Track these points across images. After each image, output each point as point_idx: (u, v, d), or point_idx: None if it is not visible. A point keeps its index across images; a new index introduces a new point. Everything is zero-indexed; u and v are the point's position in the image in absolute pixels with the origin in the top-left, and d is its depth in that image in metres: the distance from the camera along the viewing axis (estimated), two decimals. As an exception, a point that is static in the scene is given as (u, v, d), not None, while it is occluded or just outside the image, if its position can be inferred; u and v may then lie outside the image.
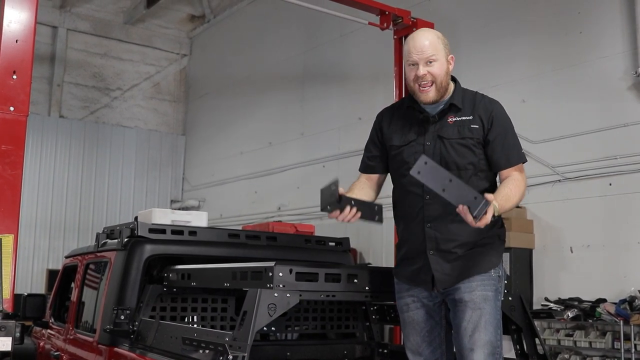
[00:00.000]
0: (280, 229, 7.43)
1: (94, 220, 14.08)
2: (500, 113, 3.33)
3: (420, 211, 3.30)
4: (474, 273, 3.22)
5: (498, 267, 3.30)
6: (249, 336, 2.85)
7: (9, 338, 3.63)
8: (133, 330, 3.98)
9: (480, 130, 3.27)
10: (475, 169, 3.28)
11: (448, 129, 3.29)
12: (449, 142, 3.27)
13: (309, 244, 4.86)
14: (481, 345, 3.15)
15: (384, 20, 6.80)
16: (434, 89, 3.27)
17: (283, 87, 12.62)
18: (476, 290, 3.21)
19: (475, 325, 3.17)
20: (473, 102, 3.34)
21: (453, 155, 3.26)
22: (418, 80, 3.25)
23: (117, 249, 4.34)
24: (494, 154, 3.28)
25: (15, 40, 4.16)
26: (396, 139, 3.42)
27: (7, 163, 4.03)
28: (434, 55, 3.23)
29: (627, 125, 7.32)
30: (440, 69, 3.26)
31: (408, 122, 3.41)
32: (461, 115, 3.30)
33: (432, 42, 3.25)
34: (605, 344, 6.92)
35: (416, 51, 3.24)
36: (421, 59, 3.23)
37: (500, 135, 3.28)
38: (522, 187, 3.24)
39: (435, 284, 3.27)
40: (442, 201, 3.18)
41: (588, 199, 7.61)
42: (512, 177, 3.27)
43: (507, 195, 3.15)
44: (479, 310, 3.19)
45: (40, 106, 14.05)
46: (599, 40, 7.75)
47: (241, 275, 3.39)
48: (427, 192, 3.24)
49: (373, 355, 4.79)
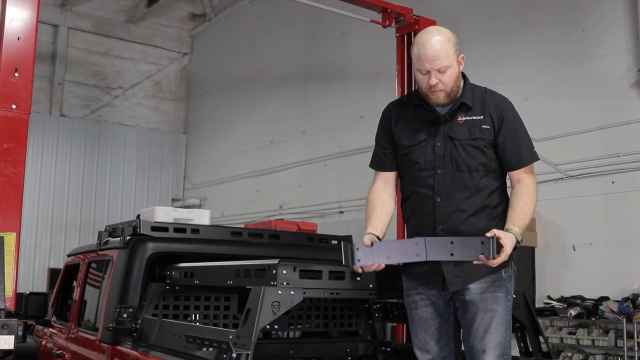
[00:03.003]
0: (283, 227, 7.39)
1: (95, 219, 14.09)
2: (511, 112, 3.28)
3: (432, 213, 3.25)
4: (485, 274, 3.19)
5: (509, 267, 3.27)
6: (253, 334, 2.84)
7: (12, 336, 3.61)
8: (135, 328, 3.97)
9: (491, 130, 3.22)
10: (486, 170, 3.23)
11: (458, 129, 3.24)
12: (459, 142, 3.22)
13: (312, 242, 4.85)
14: (492, 347, 3.15)
15: (386, 18, 6.79)
16: (444, 94, 3.21)
17: (284, 86, 12.61)
18: (487, 292, 3.19)
19: (487, 327, 3.16)
20: (483, 100, 3.27)
21: (464, 156, 3.21)
22: (430, 87, 3.20)
23: (119, 247, 4.32)
24: (505, 154, 3.24)
25: (17, 38, 4.14)
26: (405, 138, 3.37)
27: (9, 161, 4.02)
28: (446, 64, 3.15)
29: (630, 123, 7.31)
30: (451, 76, 3.19)
31: (417, 121, 3.35)
32: (471, 114, 3.25)
33: (443, 49, 3.14)
34: (608, 342, 6.92)
35: (427, 60, 3.14)
36: (433, 68, 3.15)
37: (511, 135, 3.23)
38: (534, 194, 3.20)
39: (447, 285, 3.24)
40: (454, 203, 3.20)
41: (591, 196, 7.60)
42: (522, 183, 3.21)
43: (523, 212, 3.11)
44: (490, 312, 3.17)
45: (42, 105, 14.05)
46: (602, 37, 7.74)
47: (244, 273, 3.37)
48: (438, 193, 3.23)
49: (376, 353, 4.78)
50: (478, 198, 3.21)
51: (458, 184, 3.22)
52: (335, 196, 11.04)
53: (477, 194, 3.22)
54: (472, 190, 3.22)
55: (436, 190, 3.24)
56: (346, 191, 10.68)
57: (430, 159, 3.26)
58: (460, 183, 3.22)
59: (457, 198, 3.21)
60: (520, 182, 3.23)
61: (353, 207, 10.55)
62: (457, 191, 3.22)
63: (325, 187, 11.27)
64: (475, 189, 3.22)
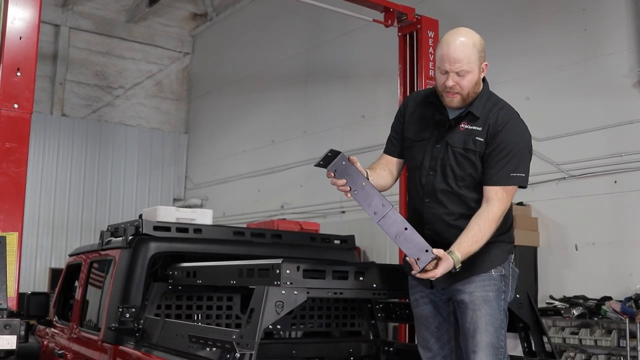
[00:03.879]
0: (285, 227, 7.42)
1: (97, 219, 14.08)
2: (511, 131, 3.18)
3: (421, 213, 3.29)
4: (473, 274, 3.19)
5: (501, 267, 3.25)
6: (256, 333, 2.84)
7: (14, 336, 3.61)
8: (138, 328, 3.96)
9: (483, 143, 3.18)
10: (474, 180, 3.20)
11: (455, 137, 3.22)
12: (452, 150, 3.22)
13: (314, 242, 4.85)
14: (483, 347, 3.13)
15: (388, 18, 6.76)
16: (459, 98, 3.18)
17: (286, 85, 12.60)
18: (476, 292, 3.19)
19: (476, 327, 3.16)
20: (490, 112, 3.23)
21: (453, 163, 3.21)
22: (446, 88, 3.18)
23: (121, 246, 4.32)
24: (485, 167, 3.18)
25: (19, 37, 4.14)
26: (412, 131, 3.38)
27: (11, 161, 4.02)
28: (466, 69, 3.13)
29: (633, 122, 7.30)
30: (470, 82, 3.16)
31: (426, 119, 3.35)
32: (474, 124, 3.21)
33: (467, 55, 3.11)
34: (610, 342, 6.90)
35: (449, 61, 3.11)
36: (452, 70, 3.12)
37: (498, 151, 3.15)
38: (494, 222, 3.09)
39: (433, 283, 3.25)
40: (441, 206, 3.20)
41: (593, 196, 7.58)
42: (488, 205, 3.12)
43: (474, 237, 3.03)
44: (478, 311, 3.17)
45: (43, 105, 14.03)
46: (604, 37, 7.72)
47: (248, 273, 3.37)
48: (427, 195, 3.24)
49: (379, 353, 4.77)
50: (463, 205, 3.21)
51: (445, 189, 3.23)
52: (337, 196, 10.99)
53: (462, 202, 3.22)
54: (457, 197, 3.22)
55: (425, 191, 3.26)
56: (348, 191, 10.64)
57: (427, 159, 3.28)
58: (446, 188, 3.22)
59: (443, 202, 3.23)
60: (488, 202, 3.14)
61: (355, 207, 10.53)
62: (443, 196, 3.23)
63: (327, 187, 11.03)
64: (460, 196, 3.22)
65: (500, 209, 3.12)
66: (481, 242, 3.05)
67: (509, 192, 3.17)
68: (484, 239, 3.06)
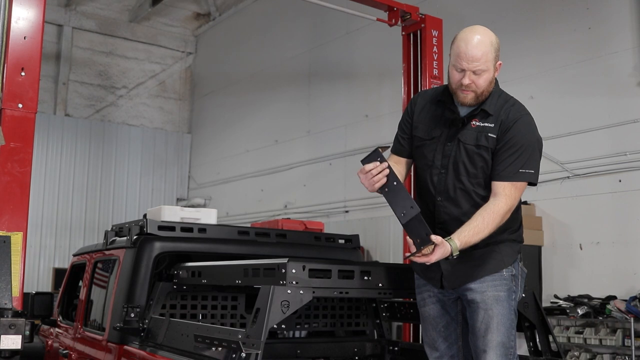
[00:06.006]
0: (290, 226, 7.39)
1: (100, 219, 14.10)
2: (523, 127, 3.17)
3: (433, 211, 3.27)
4: (484, 274, 3.18)
5: (511, 266, 3.25)
6: (262, 333, 2.83)
7: (19, 336, 3.61)
8: (143, 328, 3.96)
9: (495, 140, 3.17)
10: (486, 177, 3.20)
11: (467, 133, 3.21)
12: (464, 146, 3.20)
13: (319, 241, 4.84)
14: (493, 347, 3.13)
15: (392, 17, 6.76)
16: (473, 95, 3.16)
17: (289, 85, 12.59)
18: (487, 291, 3.18)
19: (487, 327, 3.15)
20: (501, 109, 3.21)
21: (465, 160, 3.20)
22: (461, 86, 3.16)
23: (126, 246, 4.32)
24: (495, 163, 3.17)
25: (24, 37, 4.14)
26: (421, 130, 3.36)
27: (16, 160, 4.01)
28: (483, 67, 3.11)
29: (637, 121, 7.28)
30: (486, 81, 3.15)
31: (436, 117, 3.33)
32: (486, 121, 3.20)
33: (485, 53, 3.09)
34: (615, 342, 6.89)
35: (467, 60, 3.09)
36: (470, 69, 3.10)
37: (508, 147, 3.14)
38: (499, 217, 3.07)
39: (443, 282, 3.25)
40: (453, 204, 3.19)
41: (597, 195, 7.57)
42: (495, 200, 3.11)
43: (476, 229, 3.02)
44: (490, 311, 3.15)
45: (46, 105, 14.05)
46: (608, 36, 7.70)
47: (253, 272, 3.36)
48: (439, 193, 3.23)
49: (383, 352, 4.76)
50: (475, 203, 3.19)
51: (457, 187, 3.21)
52: (341, 195, 11.02)
53: (475, 199, 3.20)
54: (469, 195, 3.21)
55: (437, 190, 3.24)
56: (351, 190, 10.66)
57: (438, 157, 3.26)
58: (459, 186, 3.21)
59: (456, 200, 3.22)
60: (495, 197, 3.12)
61: (358, 206, 10.53)
62: (456, 194, 3.22)
63: (331, 186, 11.25)
64: (473, 194, 3.21)
65: (507, 204, 3.10)
66: (482, 234, 3.03)
67: (518, 188, 3.15)
68: (485, 232, 3.04)
